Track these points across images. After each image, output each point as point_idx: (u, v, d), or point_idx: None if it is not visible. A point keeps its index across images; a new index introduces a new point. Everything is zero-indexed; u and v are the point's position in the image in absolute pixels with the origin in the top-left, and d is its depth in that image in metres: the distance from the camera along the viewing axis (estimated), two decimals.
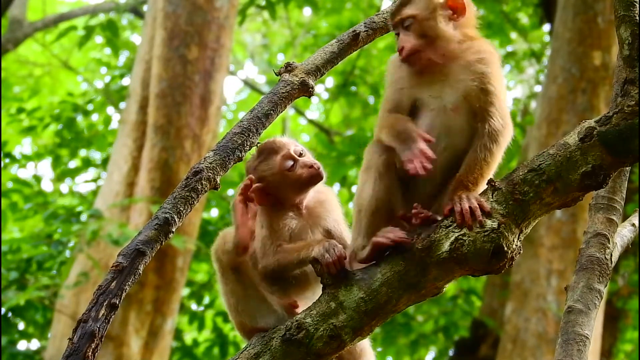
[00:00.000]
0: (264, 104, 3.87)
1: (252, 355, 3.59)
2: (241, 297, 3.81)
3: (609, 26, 11.38)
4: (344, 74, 16.47)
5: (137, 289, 10.48)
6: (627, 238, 4.19)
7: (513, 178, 3.44)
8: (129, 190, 10.98)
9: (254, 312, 3.78)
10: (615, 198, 4.07)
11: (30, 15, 16.97)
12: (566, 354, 3.88)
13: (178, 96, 11.05)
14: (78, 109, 14.31)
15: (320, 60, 4.05)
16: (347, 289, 3.54)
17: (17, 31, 15.76)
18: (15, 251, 11.74)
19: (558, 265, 11.07)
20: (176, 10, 11.32)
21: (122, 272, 3.44)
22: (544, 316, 10.94)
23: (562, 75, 11.55)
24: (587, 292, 3.98)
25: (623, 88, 3.37)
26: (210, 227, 13.27)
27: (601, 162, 3.35)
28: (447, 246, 3.42)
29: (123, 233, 10.00)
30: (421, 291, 3.51)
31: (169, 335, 10.91)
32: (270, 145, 3.90)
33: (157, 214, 3.57)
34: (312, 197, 3.90)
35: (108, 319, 3.37)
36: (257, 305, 3.79)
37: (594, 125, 3.37)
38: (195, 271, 14.68)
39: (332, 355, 3.58)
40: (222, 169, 3.69)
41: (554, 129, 11.39)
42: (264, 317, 3.77)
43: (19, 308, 11.47)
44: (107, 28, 13.76)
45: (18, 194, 13.14)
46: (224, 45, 11.42)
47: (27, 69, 18.57)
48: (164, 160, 10.88)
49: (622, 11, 3.39)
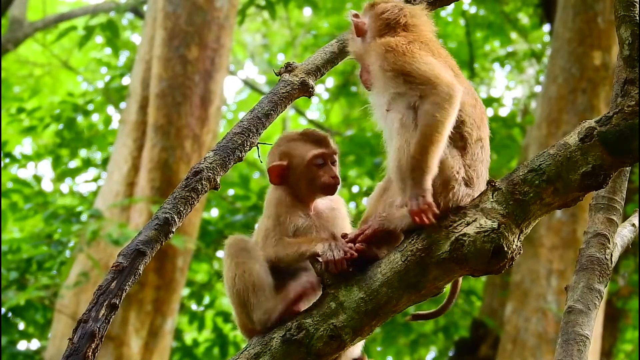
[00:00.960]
0: (264, 104, 3.88)
1: (252, 356, 3.59)
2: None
3: (609, 26, 11.38)
4: (344, 74, 16.48)
5: (137, 289, 10.48)
6: (627, 238, 4.19)
7: (513, 178, 3.44)
8: (129, 190, 10.98)
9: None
10: (615, 198, 4.07)
11: (31, 15, 16.98)
12: (566, 354, 3.88)
13: (178, 96, 11.05)
14: (78, 109, 14.32)
15: (320, 60, 4.05)
16: (347, 289, 3.54)
17: (17, 31, 15.77)
18: (15, 251, 11.74)
19: (558, 265, 11.06)
20: (176, 10, 11.33)
21: (122, 272, 3.44)
22: (544, 316, 10.94)
23: (562, 75, 11.55)
24: (587, 292, 3.98)
25: (623, 88, 3.37)
26: (210, 227, 13.27)
27: (601, 162, 3.34)
28: (447, 246, 3.42)
29: (123, 233, 10.01)
30: (421, 291, 3.51)
31: (169, 335, 10.91)
32: (318, 136, 3.90)
33: (157, 214, 3.57)
34: (324, 203, 3.90)
35: (108, 319, 3.38)
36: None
37: (594, 125, 3.36)
38: (195, 271, 14.68)
39: (332, 355, 3.57)
40: (222, 169, 3.69)
41: (554, 129, 11.39)
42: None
43: (19, 308, 11.47)
44: (107, 28, 13.76)
45: (18, 194, 13.14)
46: (224, 45, 11.42)
47: (27, 69, 18.58)
48: (164, 160, 10.88)
49: (622, 11, 3.39)
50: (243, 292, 3.69)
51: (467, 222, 3.42)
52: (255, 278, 3.68)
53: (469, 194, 3.52)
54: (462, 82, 3.64)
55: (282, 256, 3.69)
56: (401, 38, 3.68)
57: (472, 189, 3.53)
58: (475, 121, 3.61)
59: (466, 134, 3.57)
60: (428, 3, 4.18)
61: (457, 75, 3.66)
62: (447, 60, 3.70)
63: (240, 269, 3.70)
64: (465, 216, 3.44)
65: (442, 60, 3.65)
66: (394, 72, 3.58)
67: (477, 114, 3.63)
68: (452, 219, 3.46)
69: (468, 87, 3.66)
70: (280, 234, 3.73)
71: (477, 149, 3.59)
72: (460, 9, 16.65)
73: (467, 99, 3.61)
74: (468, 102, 3.61)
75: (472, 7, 16.95)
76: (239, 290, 3.69)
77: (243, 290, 3.68)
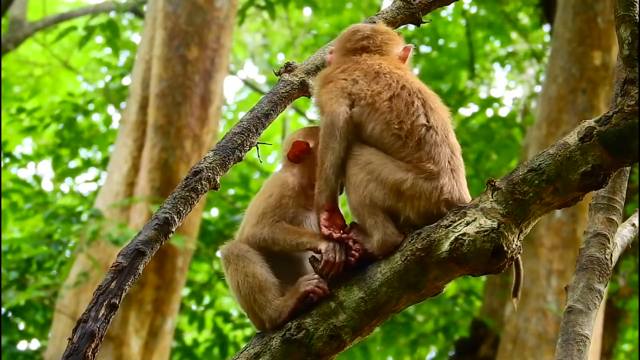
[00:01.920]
0: (264, 104, 3.88)
1: (252, 355, 3.59)
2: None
3: (609, 26, 11.38)
4: None
5: (137, 289, 10.48)
6: (627, 238, 4.19)
7: (513, 178, 3.43)
8: (129, 190, 10.98)
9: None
10: (615, 198, 4.07)
11: (31, 15, 16.98)
12: (566, 354, 3.88)
13: (178, 96, 11.05)
14: (78, 109, 14.32)
15: (320, 60, 4.05)
16: (347, 288, 3.54)
17: (18, 31, 15.77)
18: (15, 251, 11.74)
19: (558, 265, 11.07)
20: (176, 10, 11.32)
21: (122, 272, 3.44)
22: (544, 316, 10.94)
23: (562, 75, 11.55)
24: (587, 292, 3.98)
25: (623, 88, 3.37)
26: (210, 227, 13.27)
27: (601, 162, 3.34)
28: (447, 246, 3.42)
29: (123, 233, 10.00)
30: (421, 291, 3.51)
31: (169, 335, 10.91)
32: None
33: (157, 214, 3.57)
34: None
35: (108, 319, 3.37)
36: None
37: (594, 125, 3.36)
38: (195, 271, 14.68)
39: (332, 355, 3.57)
40: (222, 169, 3.69)
41: (554, 129, 11.39)
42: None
43: (19, 308, 11.48)
44: (107, 28, 13.76)
45: (18, 194, 13.14)
46: (224, 45, 11.42)
47: (28, 69, 18.58)
48: (164, 160, 10.88)
49: (622, 11, 3.39)
50: (250, 295, 3.67)
51: (467, 222, 3.42)
52: (259, 279, 3.67)
53: (436, 186, 3.54)
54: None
55: (279, 239, 3.68)
56: (333, 69, 3.85)
57: (437, 180, 3.55)
58: (402, 110, 3.63)
59: (395, 129, 3.60)
60: (428, 3, 4.18)
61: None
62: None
63: (241, 275, 3.69)
64: (465, 216, 3.44)
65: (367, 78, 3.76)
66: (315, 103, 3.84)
67: (401, 103, 3.65)
68: (452, 218, 3.46)
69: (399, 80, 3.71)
70: (279, 217, 3.73)
71: (422, 134, 3.60)
72: (460, 8, 16.65)
73: (384, 93, 3.67)
74: (384, 97, 3.66)
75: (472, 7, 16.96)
76: (246, 295, 3.68)
77: (249, 294, 3.67)
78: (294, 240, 3.65)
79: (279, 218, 3.73)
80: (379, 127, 3.63)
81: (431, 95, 3.74)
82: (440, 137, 3.61)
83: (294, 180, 3.84)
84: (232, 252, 3.74)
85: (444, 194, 3.53)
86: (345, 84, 3.74)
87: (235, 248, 3.75)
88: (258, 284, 3.66)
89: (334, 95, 3.71)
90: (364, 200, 3.57)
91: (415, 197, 3.53)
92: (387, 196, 3.55)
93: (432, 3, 4.19)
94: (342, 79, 3.76)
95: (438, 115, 3.67)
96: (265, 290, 3.65)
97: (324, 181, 3.65)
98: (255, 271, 3.68)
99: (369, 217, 3.57)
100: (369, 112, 3.65)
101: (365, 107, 3.66)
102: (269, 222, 3.72)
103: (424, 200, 3.53)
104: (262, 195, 3.82)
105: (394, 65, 3.81)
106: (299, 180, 3.84)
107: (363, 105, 3.67)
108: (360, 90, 3.70)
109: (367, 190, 3.57)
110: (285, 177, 3.85)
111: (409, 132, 3.59)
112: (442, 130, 3.63)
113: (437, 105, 3.71)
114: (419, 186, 3.53)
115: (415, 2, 4.17)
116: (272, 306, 3.63)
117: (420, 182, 3.54)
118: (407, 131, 3.60)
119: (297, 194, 3.81)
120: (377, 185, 3.56)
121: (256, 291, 3.66)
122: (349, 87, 3.73)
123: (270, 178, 3.91)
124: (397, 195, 3.55)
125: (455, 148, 3.66)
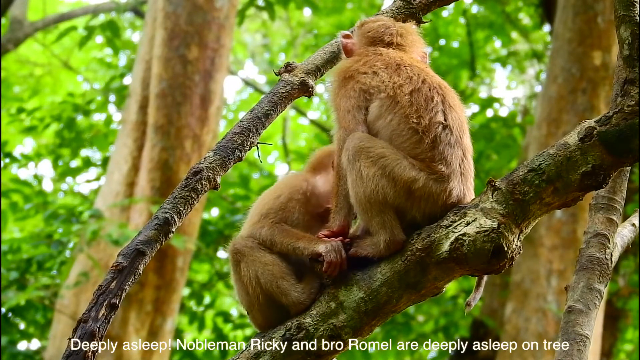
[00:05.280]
0: (264, 104, 3.88)
1: (252, 355, 3.59)
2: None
3: (609, 26, 11.37)
4: None
5: (137, 289, 10.48)
6: (627, 238, 4.19)
7: (513, 178, 3.43)
8: (129, 190, 10.98)
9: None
10: (615, 198, 4.07)
11: (31, 15, 16.98)
12: (566, 354, 3.88)
13: (178, 96, 11.04)
14: (79, 109, 14.31)
15: (320, 60, 4.05)
16: (347, 289, 3.54)
17: (18, 31, 15.77)
18: (15, 251, 11.74)
19: (558, 265, 11.06)
20: (176, 10, 11.32)
21: (122, 272, 3.44)
22: (544, 316, 10.93)
23: (562, 75, 11.54)
24: (587, 292, 3.97)
25: (623, 88, 3.37)
26: (210, 227, 13.26)
27: (601, 162, 3.34)
28: (447, 246, 3.42)
29: (123, 233, 10.00)
30: (421, 291, 3.51)
31: (169, 335, 10.90)
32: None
33: (157, 214, 3.57)
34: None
35: (108, 319, 3.37)
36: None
37: (594, 125, 3.36)
38: (195, 271, 14.67)
39: (332, 355, 3.57)
40: (222, 169, 3.69)
41: (554, 129, 11.38)
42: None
43: (19, 308, 11.47)
44: (107, 28, 13.75)
45: (18, 194, 13.13)
46: (224, 45, 11.42)
47: (28, 69, 18.57)
48: (164, 160, 10.87)
49: (622, 11, 3.39)
50: (272, 282, 3.68)
51: (467, 222, 3.42)
52: (280, 264, 3.69)
53: (444, 189, 3.54)
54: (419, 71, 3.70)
55: (277, 241, 3.70)
56: (354, 62, 3.79)
57: (446, 182, 3.54)
58: (422, 105, 3.61)
59: (413, 124, 3.59)
60: (428, 3, 4.18)
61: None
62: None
63: (259, 264, 3.71)
64: (465, 216, 3.44)
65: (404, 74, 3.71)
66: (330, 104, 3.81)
67: (421, 97, 3.63)
68: (452, 218, 3.46)
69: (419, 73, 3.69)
70: (280, 219, 3.74)
71: (438, 132, 3.59)
72: (461, 8, 16.64)
73: (406, 87, 3.64)
74: (405, 90, 3.64)
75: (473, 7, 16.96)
76: (265, 283, 3.69)
77: (272, 281, 3.68)
78: (292, 244, 3.66)
79: (280, 220, 3.73)
80: (396, 120, 3.60)
81: (450, 91, 3.73)
82: (455, 138, 3.60)
83: (307, 186, 3.84)
84: (244, 245, 3.75)
85: (451, 198, 3.53)
86: (365, 79, 3.69)
87: (245, 241, 3.76)
88: (279, 270, 3.68)
89: (351, 106, 3.67)
90: (375, 195, 3.53)
91: (424, 197, 3.52)
92: (398, 194, 3.53)
93: (432, 3, 4.19)
94: (363, 72, 3.71)
95: (455, 114, 3.66)
96: (287, 276, 3.67)
97: (344, 198, 3.62)
98: (274, 259, 3.70)
99: (377, 215, 3.53)
100: (389, 105, 3.63)
101: (386, 99, 3.64)
102: (269, 222, 3.72)
103: (431, 202, 3.52)
104: (270, 194, 3.84)
105: (414, 59, 3.81)
106: (312, 187, 3.85)
107: (383, 97, 3.65)
108: (381, 82, 3.67)
109: (379, 186, 3.53)
110: (299, 181, 3.86)
111: (426, 129, 3.58)
112: (458, 131, 3.63)
113: (455, 103, 3.70)
114: (428, 187, 3.53)
115: (416, 2, 4.16)
116: (298, 289, 3.64)
117: (430, 183, 3.53)
118: (425, 127, 3.58)
119: (307, 200, 3.82)
120: (389, 181, 3.53)
121: (278, 277, 3.67)
122: (369, 81, 3.69)
123: (285, 178, 3.92)
124: (407, 194, 3.53)
125: (468, 150, 3.65)
